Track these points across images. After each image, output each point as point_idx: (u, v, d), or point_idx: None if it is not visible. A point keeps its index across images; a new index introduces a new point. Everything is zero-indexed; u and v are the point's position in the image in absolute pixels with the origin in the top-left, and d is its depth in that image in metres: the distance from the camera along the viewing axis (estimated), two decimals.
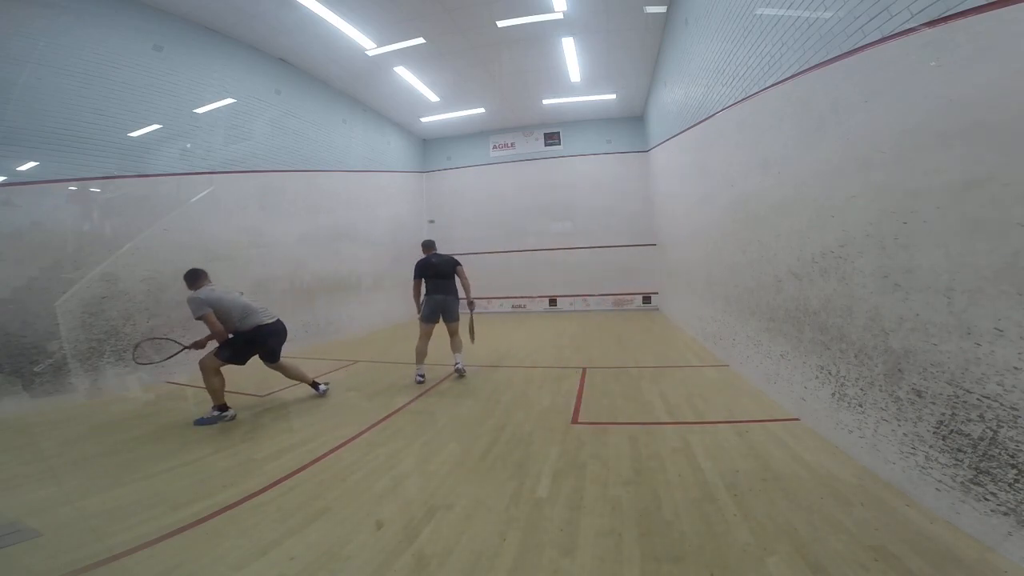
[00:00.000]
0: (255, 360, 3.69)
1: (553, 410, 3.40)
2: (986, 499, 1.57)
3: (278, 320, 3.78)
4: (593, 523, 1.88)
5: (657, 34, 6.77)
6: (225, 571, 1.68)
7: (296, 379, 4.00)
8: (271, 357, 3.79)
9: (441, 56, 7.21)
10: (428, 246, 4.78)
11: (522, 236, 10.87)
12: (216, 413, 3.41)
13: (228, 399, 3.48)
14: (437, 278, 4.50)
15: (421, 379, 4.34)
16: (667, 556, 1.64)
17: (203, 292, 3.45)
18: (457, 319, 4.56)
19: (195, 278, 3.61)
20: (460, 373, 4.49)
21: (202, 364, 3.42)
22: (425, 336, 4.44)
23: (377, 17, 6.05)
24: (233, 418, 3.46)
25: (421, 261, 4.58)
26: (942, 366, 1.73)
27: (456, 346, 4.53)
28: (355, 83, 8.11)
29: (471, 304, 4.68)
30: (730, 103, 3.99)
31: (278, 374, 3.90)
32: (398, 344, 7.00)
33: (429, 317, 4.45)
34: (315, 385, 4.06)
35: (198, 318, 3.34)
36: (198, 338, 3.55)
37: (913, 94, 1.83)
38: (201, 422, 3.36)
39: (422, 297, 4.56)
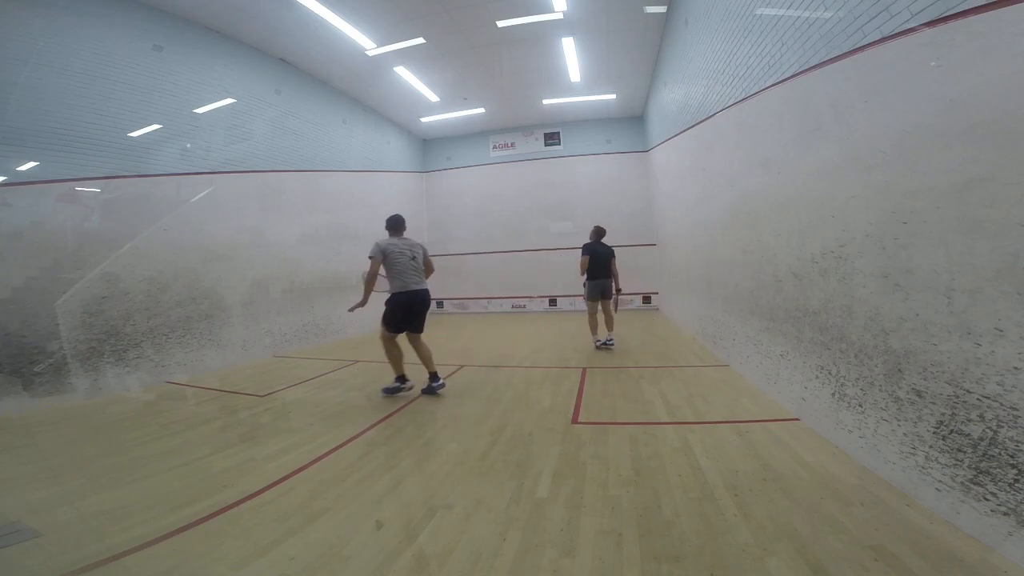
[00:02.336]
0: (256, 360, 3.68)
1: (553, 410, 3.40)
2: (986, 499, 1.57)
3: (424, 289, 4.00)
4: (593, 523, 1.88)
5: (657, 34, 6.77)
6: (225, 571, 1.68)
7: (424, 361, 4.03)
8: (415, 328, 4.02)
9: (441, 56, 7.20)
10: (599, 232, 5.80)
11: (522, 236, 10.87)
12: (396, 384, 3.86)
13: (228, 398, 3.48)
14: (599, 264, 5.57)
15: (603, 344, 5.59)
16: (667, 556, 1.64)
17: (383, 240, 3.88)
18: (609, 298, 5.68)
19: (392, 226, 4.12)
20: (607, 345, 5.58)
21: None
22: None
23: (377, 17, 6.05)
24: (410, 388, 3.89)
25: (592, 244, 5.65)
26: (942, 366, 1.73)
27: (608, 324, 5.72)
28: (355, 83, 8.11)
29: (618, 290, 5.74)
30: (730, 103, 3.99)
31: (279, 373, 3.90)
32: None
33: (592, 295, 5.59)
34: (433, 376, 4.01)
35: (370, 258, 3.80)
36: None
37: (913, 94, 1.82)
38: (386, 391, 3.89)
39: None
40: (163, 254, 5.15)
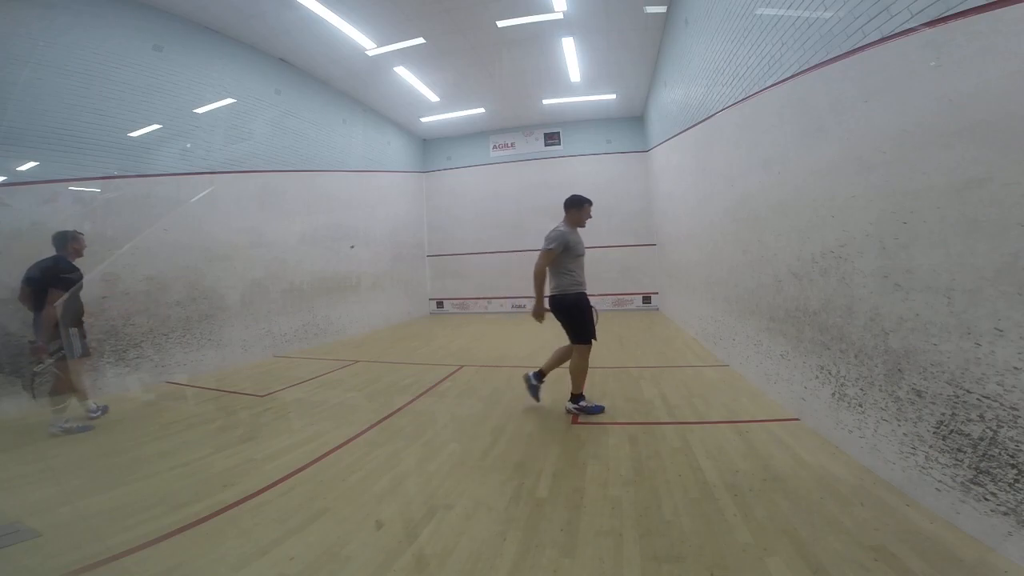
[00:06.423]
0: (256, 360, 3.66)
1: (553, 410, 3.40)
2: (986, 499, 1.57)
3: None
4: (593, 523, 1.88)
5: (657, 34, 6.77)
6: (225, 571, 1.68)
7: None
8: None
9: (441, 56, 7.20)
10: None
11: (522, 236, 10.85)
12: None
13: (228, 399, 3.48)
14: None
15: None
16: (667, 556, 1.64)
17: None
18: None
19: None
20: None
21: None
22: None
23: (377, 17, 6.05)
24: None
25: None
26: (942, 366, 1.73)
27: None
28: (355, 83, 8.10)
29: None
30: (730, 103, 3.99)
31: (279, 373, 3.89)
32: (398, 344, 7.01)
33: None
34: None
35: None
36: None
37: (913, 94, 1.82)
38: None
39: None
40: (163, 254, 5.14)
